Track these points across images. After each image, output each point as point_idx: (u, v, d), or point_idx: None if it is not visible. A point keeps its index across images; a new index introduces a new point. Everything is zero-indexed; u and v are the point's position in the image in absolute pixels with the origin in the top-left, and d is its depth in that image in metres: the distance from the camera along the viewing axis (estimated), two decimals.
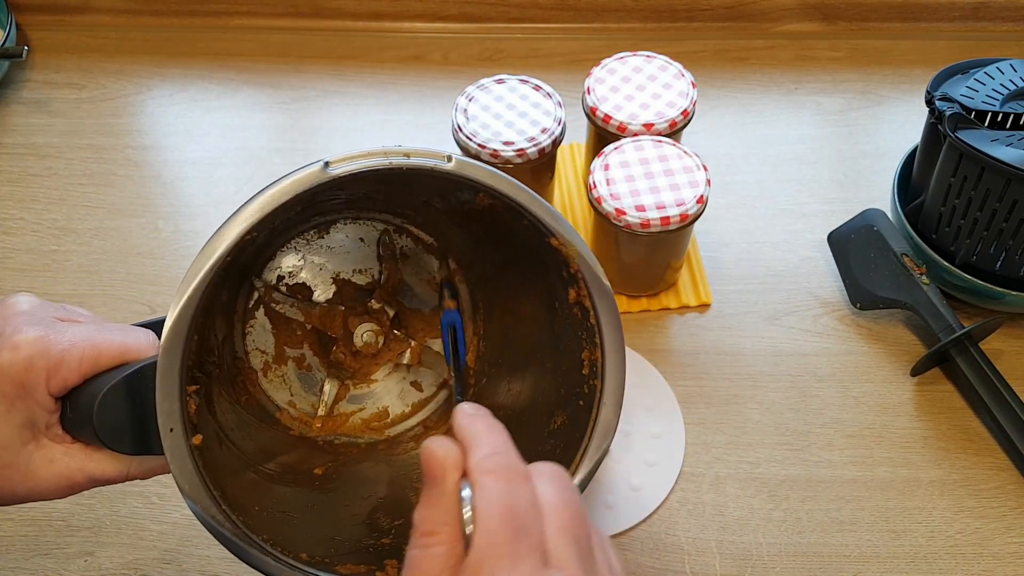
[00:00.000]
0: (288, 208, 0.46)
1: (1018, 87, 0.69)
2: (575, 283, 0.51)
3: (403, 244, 0.61)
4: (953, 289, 0.71)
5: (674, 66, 0.75)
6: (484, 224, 0.54)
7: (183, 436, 0.44)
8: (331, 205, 0.58)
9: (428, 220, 0.59)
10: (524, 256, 0.54)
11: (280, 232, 0.58)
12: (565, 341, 0.54)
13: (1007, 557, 0.62)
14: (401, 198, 0.56)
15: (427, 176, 0.48)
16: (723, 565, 0.62)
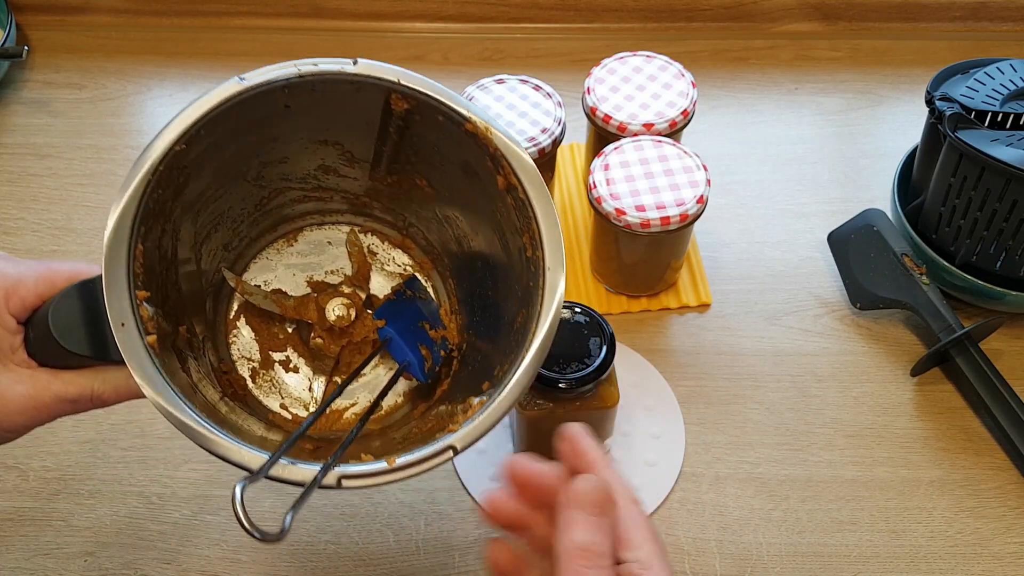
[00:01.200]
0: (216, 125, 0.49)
1: (1018, 87, 0.69)
2: (499, 166, 0.52)
3: (369, 242, 0.62)
4: (953, 289, 0.71)
5: (674, 66, 0.75)
6: (418, 152, 0.56)
7: (136, 332, 0.45)
8: (295, 210, 0.61)
9: (379, 191, 0.60)
10: (464, 186, 0.55)
11: (251, 242, 0.60)
12: (513, 244, 0.53)
13: (1007, 557, 0.62)
14: (331, 122, 0.56)
15: (343, 86, 0.51)
16: (723, 565, 0.62)
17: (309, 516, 0.64)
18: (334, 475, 0.45)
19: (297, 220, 0.62)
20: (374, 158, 0.58)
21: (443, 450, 0.46)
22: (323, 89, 0.52)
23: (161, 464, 0.67)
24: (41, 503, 0.65)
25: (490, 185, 0.53)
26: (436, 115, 0.52)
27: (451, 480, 0.66)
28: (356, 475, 0.45)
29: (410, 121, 0.54)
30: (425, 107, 0.53)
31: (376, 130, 0.56)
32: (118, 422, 0.68)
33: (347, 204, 0.62)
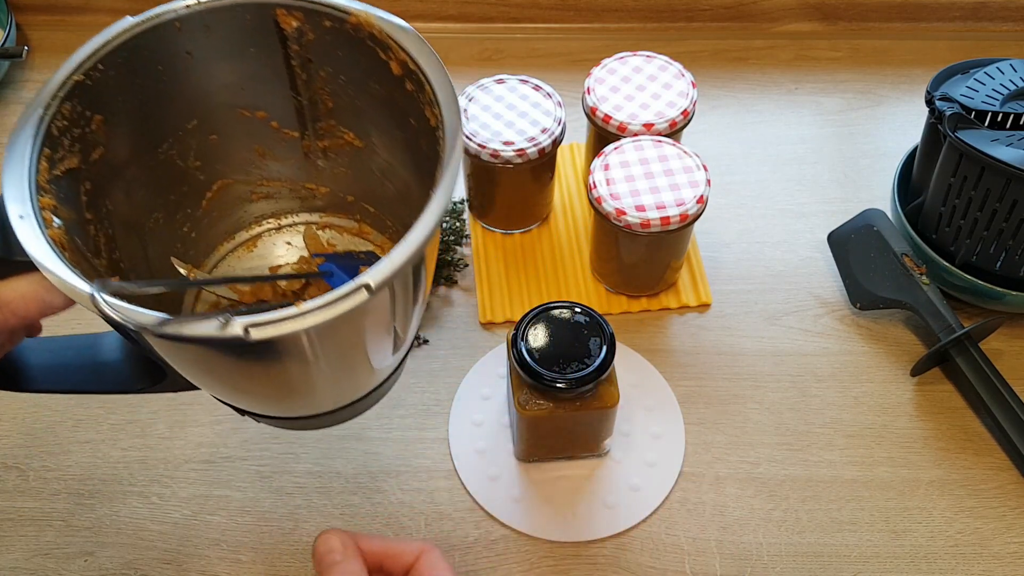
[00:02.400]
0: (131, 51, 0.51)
1: (1018, 87, 0.69)
2: (388, 50, 0.53)
3: (328, 237, 0.63)
4: (953, 289, 0.71)
5: (674, 66, 0.75)
6: (331, 94, 0.57)
7: (37, 225, 0.45)
8: (248, 212, 0.62)
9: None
10: (380, 114, 0.56)
11: (210, 250, 0.62)
12: (430, 142, 0.52)
13: (1007, 557, 0.62)
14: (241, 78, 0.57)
15: (233, 15, 0.53)
16: (723, 565, 0.62)
17: (309, 516, 0.64)
18: (240, 325, 0.41)
19: (253, 225, 0.63)
20: (297, 118, 0.59)
21: (356, 289, 0.43)
22: (217, 27, 0.53)
23: (161, 464, 0.67)
24: (41, 503, 0.65)
25: (395, 88, 0.53)
26: (323, 21, 0.53)
27: (451, 480, 0.66)
28: (263, 323, 0.41)
29: (305, 44, 0.55)
30: (311, 16, 0.53)
31: (285, 75, 0.57)
32: (118, 422, 0.69)
33: (297, 200, 0.63)
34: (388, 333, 0.51)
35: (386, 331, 0.50)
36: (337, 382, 0.52)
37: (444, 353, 0.72)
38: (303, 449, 0.67)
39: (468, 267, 0.77)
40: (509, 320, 0.74)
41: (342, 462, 0.67)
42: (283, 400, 0.53)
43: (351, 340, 0.48)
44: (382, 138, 0.58)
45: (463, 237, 0.78)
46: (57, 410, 0.69)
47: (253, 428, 0.68)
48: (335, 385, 0.53)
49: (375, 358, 0.52)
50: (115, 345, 0.53)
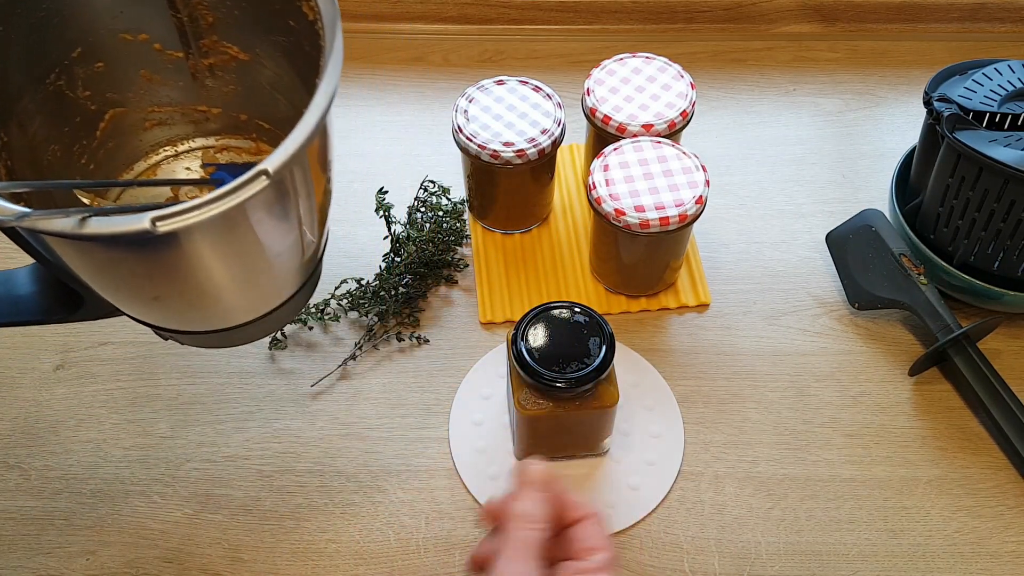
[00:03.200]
0: None
1: (1016, 88, 0.69)
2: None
3: (228, 159, 0.65)
4: (951, 289, 0.72)
5: (673, 67, 0.75)
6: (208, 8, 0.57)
7: None
8: (143, 140, 0.63)
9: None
10: (260, 25, 0.56)
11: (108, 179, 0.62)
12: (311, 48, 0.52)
13: (1005, 556, 0.63)
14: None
15: None
16: (722, 564, 0.62)
17: (310, 515, 0.65)
18: (146, 219, 0.41)
19: (150, 154, 0.63)
20: (180, 38, 0.59)
21: (255, 176, 0.43)
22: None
23: (163, 463, 0.67)
24: (43, 502, 0.65)
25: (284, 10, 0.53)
26: None
27: (452, 479, 0.66)
28: (169, 215, 0.42)
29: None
30: None
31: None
32: (120, 422, 0.69)
33: (191, 125, 0.64)
34: (292, 229, 0.50)
35: (289, 226, 0.50)
36: (247, 283, 0.52)
37: (444, 353, 0.72)
38: (304, 448, 0.68)
39: (468, 267, 0.77)
40: (509, 320, 0.74)
41: (343, 461, 0.67)
42: (196, 307, 0.52)
43: (255, 233, 0.48)
44: (266, 48, 0.58)
45: (463, 237, 0.78)
46: (59, 409, 0.69)
47: (254, 428, 0.68)
48: (245, 287, 0.52)
49: (282, 258, 0.52)
50: (29, 278, 0.54)
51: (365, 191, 0.82)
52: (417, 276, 0.75)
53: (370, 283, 0.74)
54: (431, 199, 0.77)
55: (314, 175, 0.50)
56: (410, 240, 0.74)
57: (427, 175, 0.79)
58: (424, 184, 0.78)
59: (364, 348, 0.72)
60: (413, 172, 0.82)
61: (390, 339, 0.73)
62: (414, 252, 0.73)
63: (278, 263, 0.52)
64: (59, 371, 0.71)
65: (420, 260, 0.74)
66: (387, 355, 0.72)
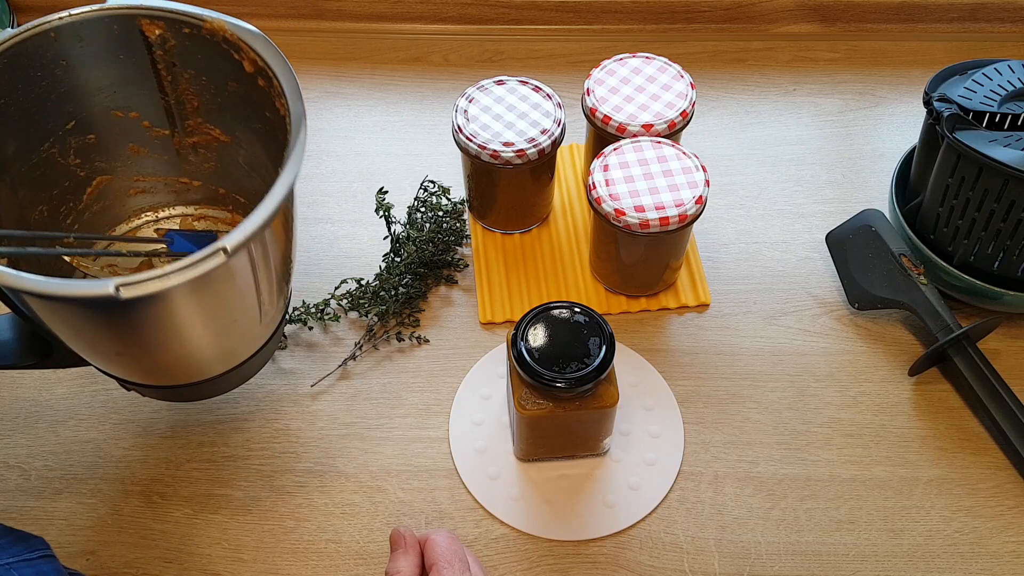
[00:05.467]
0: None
1: (1016, 88, 0.69)
2: (240, 51, 0.57)
3: (203, 228, 0.70)
4: (951, 289, 0.72)
5: (673, 67, 0.75)
6: (197, 94, 0.62)
7: None
8: (127, 206, 0.68)
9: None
10: (242, 109, 0.60)
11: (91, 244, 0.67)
12: (283, 138, 0.56)
13: (1005, 556, 0.63)
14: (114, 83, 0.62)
15: (102, 27, 0.58)
16: (722, 564, 0.62)
17: (310, 515, 0.65)
18: (111, 285, 0.45)
19: (132, 218, 0.69)
20: (167, 117, 0.64)
21: (214, 252, 0.47)
22: (87, 36, 0.58)
23: (163, 463, 0.67)
24: (43, 502, 0.65)
25: (250, 85, 0.58)
26: (183, 29, 0.58)
27: (452, 479, 0.66)
28: (132, 283, 0.46)
29: (168, 50, 0.59)
30: (173, 26, 0.58)
31: (153, 78, 0.61)
32: (120, 422, 0.69)
33: (173, 194, 0.69)
34: (251, 296, 0.54)
35: (248, 294, 0.54)
36: (206, 344, 0.56)
37: (444, 353, 0.72)
38: (304, 448, 0.68)
39: (468, 267, 0.77)
40: (509, 320, 0.74)
41: (343, 461, 0.67)
42: (157, 364, 0.56)
43: (215, 301, 0.52)
44: (245, 132, 0.63)
45: (463, 237, 0.78)
46: (59, 409, 0.69)
47: (254, 428, 0.68)
48: (205, 348, 0.56)
49: (240, 322, 0.56)
50: (5, 326, 0.58)
51: (365, 191, 0.82)
52: (417, 276, 0.75)
53: (370, 283, 0.74)
54: (431, 199, 0.77)
55: (274, 250, 0.54)
56: (410, 240, 0.74)
57: (427, 175, 0.79)
58: (424, 184, 0.78)
59: (364, 348, 0.72)
60: (413, 172, 0.82)
61: (390, 339, 0.73)
62: (414, 252, 0.73)
63: (237, 327, 0.56)
64: (60, 371, 0.71)
65: (420, 260, 0.74)
66: (387, 355, 0.72)
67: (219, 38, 0.58)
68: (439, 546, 0.55)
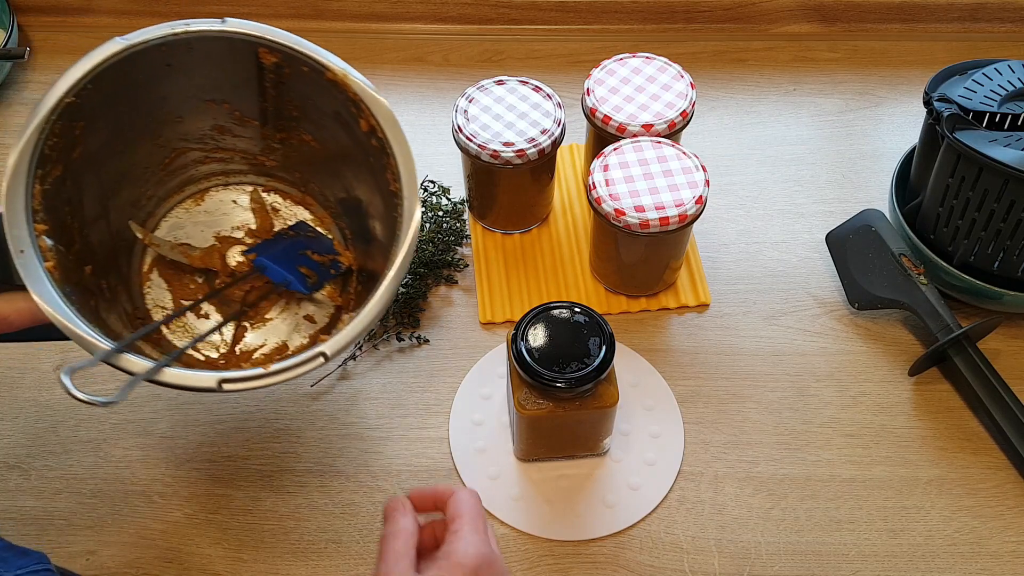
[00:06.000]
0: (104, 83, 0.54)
1: (1016, 88, 0.69)
2: (360, 110, 0.57)
3: (272, 200, 0.68)
4: (951, 289, 0.72)
5: (673, 67, 0.75)
6: (298, 107, 0.61)
7: (35, 258, 0.50)
8: (199, 171, 0.66)
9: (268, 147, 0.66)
10: (341, 136, 0.60)
11: (160, 202, 0.66)
12: (382, 183, 0.58)
13: (1005, 556, 0.63)
14: (215, 81, 0.61)
15: (216, 44, 0.57)
16: (722, 564, 0.62)
17: (310, 515, 0.65)
18: (214, 379, 0.49)
19: (202, 181, 0.67)
20: (260, 115, 0.63)
21: (314, 356, 0.51)
22: (199, 48, 0.57)
23: (163, 463, 0.67)
24: (43, 502, 0.65)
25: (357, 130, 0.58)
26: (301, 67, 0.57)
27: (452, 479, 0.66)
28: (235, 379, 0.50)
29: (282, 75, 0.59)
30: (291, 59, 0.58)
31: (256, 87, 0.60)
32: (120, 422, 0.69)
33: (248, 165, 0.68)
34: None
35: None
36: None
37: (444, 353, 0.72)
38: (304, 448, 0.68)
39: (468, 267, 0.77)
40: (509, 320, 0.74)
41: (343, 461, 0.67)
42: None
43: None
44: (339, 147, 0.62)
45: (463, 237, 0.78)
46: (59, 409, 0.69)
47: (254, 428, 0.68)
48: None
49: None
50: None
51: None
52: (417, 276, 0.75)
53: None
54: (431, 199, 0.77)
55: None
56: None
57: (427, 175, 0.79)
58: (424, 184, 0.78)
59: (364, 348, 0.72)
60: None
61: (390, 339, 0.73)
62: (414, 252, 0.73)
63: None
64: (59, 371, 0.71)
65: (420, 260, 0.74)
66: (387, 355, 0.72)
67: (339, 88, 0.57)
68: (465, 503, 0.52)
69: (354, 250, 0.66)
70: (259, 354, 0.63)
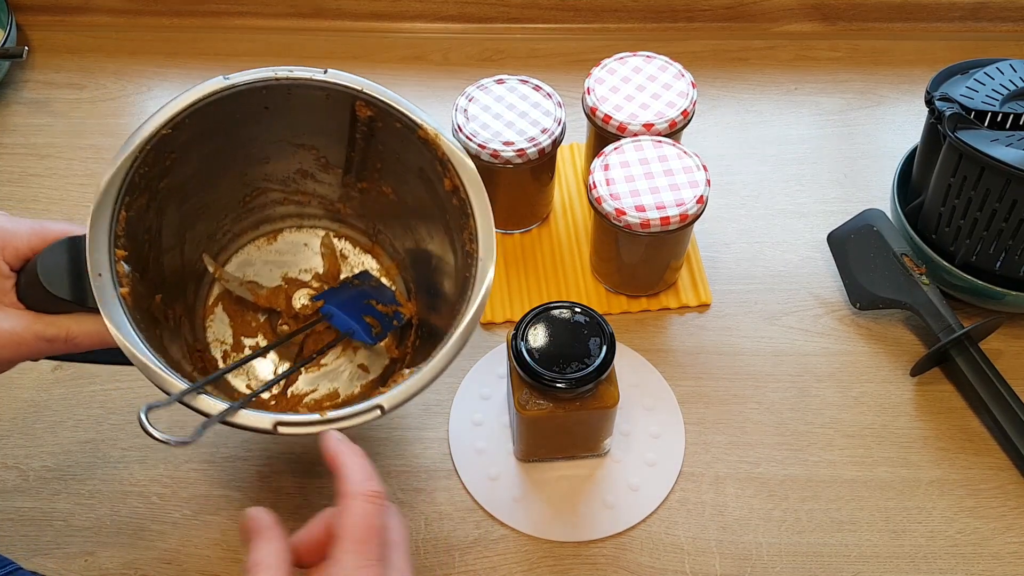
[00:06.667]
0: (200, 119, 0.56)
1: (1018, 87, 0.69)
2: (446, 169, 0.58)
3: (342, 247, 0.69)
4: (953, 289, 0.71)
5: (674, 66, 0.75)
6: (383, 160, 0.62)
7: (111, 282, 0.51)
8: (276, 211, 0.67)
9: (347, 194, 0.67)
10: (421, 192, 0.61)
11: (234, 237, 0.67)
12: (458, 241, 0.59)
13: (1007, 557, 0.62)
14: (306, 126, 0.62)
15: (314, 92, 0.58)
16: (723, 565, 0.62)
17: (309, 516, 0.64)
18: (270, 420, 0.50)
19: (278, 222, 0.68)
20: (346, 163, 0.64)
21: (371, 408, 0.51)
22: (298, 93, 0.58)
23: (162, 464, 0.67)
24: (41, 503, 0.65)
25: (440, 188, 0.59)
26: (395, 122, 0.59)
27: (451, 480, 0.66)
28: (291, 423, 0.50)
29: (374, 128, 0.60)
30: (385, 114, 0.59)
31: (346, 136, 0.61)
32: (119, 422, 0.69)
33: (323, 210, 0.68)
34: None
35: None
36: None
37: None
38: (303, 449, 0.67)
39: None
40: (509, 320, 0.74)
41: None
42: None
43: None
44: (416, 202, 0.63)
45: None
46: (57, 410, 0.69)
47: None
48: None
49: None
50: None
51: None
52: None
53: None
54: None
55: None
56: None
57: None
58: None
59: None
60: None
61: None
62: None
63: None
64: (57, 371, 0.71)
65: None
66: None
67: (428, 147, 0.58)
68: (350, 518, 0.43)
69: (416, 303, 0.66)
70: (310, 399, 0.64)
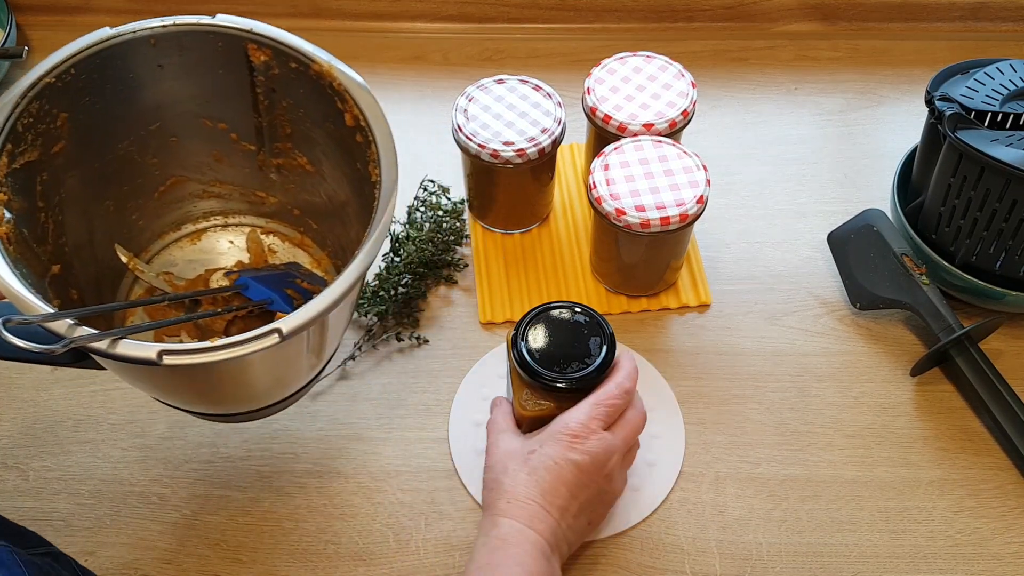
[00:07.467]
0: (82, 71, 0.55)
1: (1018, 87, 0.69)
2: (344, 102, 0.56)
3: (270, 242, 0.68)
4: (953, 289, 0.71)
5: (674, 66, 0.75)
6: (291, 122, 0.61)
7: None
8: (198, 207, 0.67)
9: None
10: (334, 151, 0.60)
11: (155, 237, 0.66)
12: (368, 188, 0.56)
13: (1007, 557, 0.62)
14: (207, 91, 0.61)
15: (205, 40, 0.57)
16: (723, 565, 0.62)
17: (309, 516, 0.64)
18: (154, 350, 0.46)
19: (200, 220, 0.68)
20: (256, 136, 0.63)
21: (268, 332, 0.47)
22: (189, 45, 0.57)
23: (161, 464, 0.67)
24: (42, 503, 0.65)
25: (346, 134, 0.57)
26: (289, 62, 0.58)
27: (451, 480, 0.66)
28: (176, 351, 0.46)
29: (272, 78, 0.59)
30: (279, 55, 0.58)
31: (249, 97, 0.60)
32: (118, 422, 0.69)
33: (246, 203, 0.68)
34: (299, 361, 0.54)
35: (295, 360, 0.54)
36: (254, 395, 0.56)
37: (444, 353, 0.72)
38: (303, 449, 0.67)
39: (468, 267, 0.77)
40: (509, 320, 0.74)
41: (342, 462, 0.67)
42: (209, 405, 0.58)
43: (262, 367, 0.52)
44: (332, 170, 0.62)
45: (463, 237, 0.78)
46: (57, 410, 0.69)
47: (253, 428, 0.68)
48: (247, 397, 0.56)
49: (287, 378, 0.56)
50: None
51: None
52: (417, 276, 0.74)
53: (369, 283, 0.73)
54: (431, 199, 0.77)
55: (335, 322, 0.53)
56: (410, 240, 0.74)
57: (427, 175, 0.79)
58: (424, 184, 0.78)
59: (363, 348, 0.72)
60: (413, 172, 0.82)
61: (389, 339, 0.73)
62: (414, 252, 0.73)
63: (281, 381, 0.56)
64: (57, 371, 0.71)
65: (420, 260, 0.74)
66: (386, 355, 0.72)
67: (325, 82, 0.57)
68: (612, 379, 0.56)
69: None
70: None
